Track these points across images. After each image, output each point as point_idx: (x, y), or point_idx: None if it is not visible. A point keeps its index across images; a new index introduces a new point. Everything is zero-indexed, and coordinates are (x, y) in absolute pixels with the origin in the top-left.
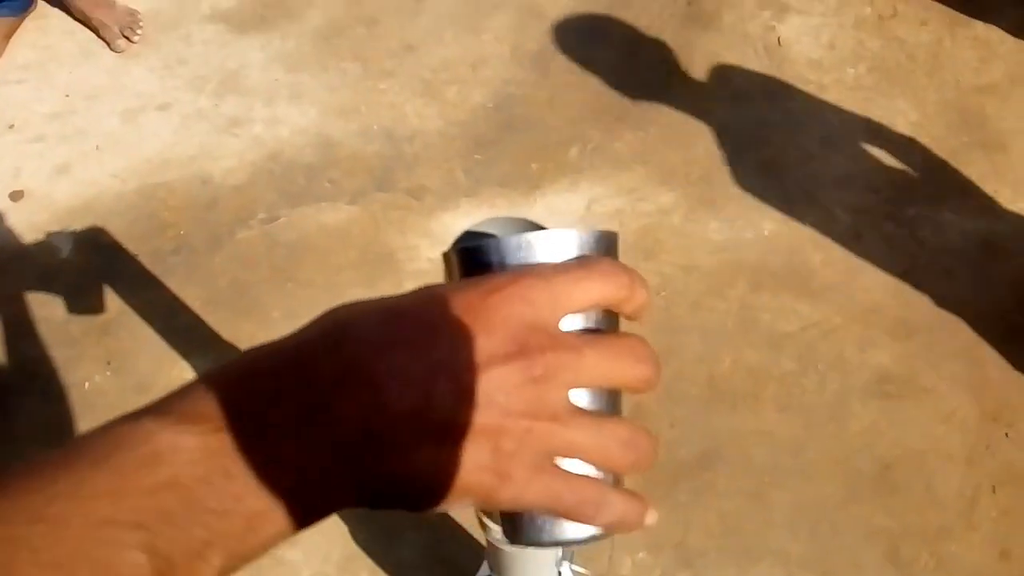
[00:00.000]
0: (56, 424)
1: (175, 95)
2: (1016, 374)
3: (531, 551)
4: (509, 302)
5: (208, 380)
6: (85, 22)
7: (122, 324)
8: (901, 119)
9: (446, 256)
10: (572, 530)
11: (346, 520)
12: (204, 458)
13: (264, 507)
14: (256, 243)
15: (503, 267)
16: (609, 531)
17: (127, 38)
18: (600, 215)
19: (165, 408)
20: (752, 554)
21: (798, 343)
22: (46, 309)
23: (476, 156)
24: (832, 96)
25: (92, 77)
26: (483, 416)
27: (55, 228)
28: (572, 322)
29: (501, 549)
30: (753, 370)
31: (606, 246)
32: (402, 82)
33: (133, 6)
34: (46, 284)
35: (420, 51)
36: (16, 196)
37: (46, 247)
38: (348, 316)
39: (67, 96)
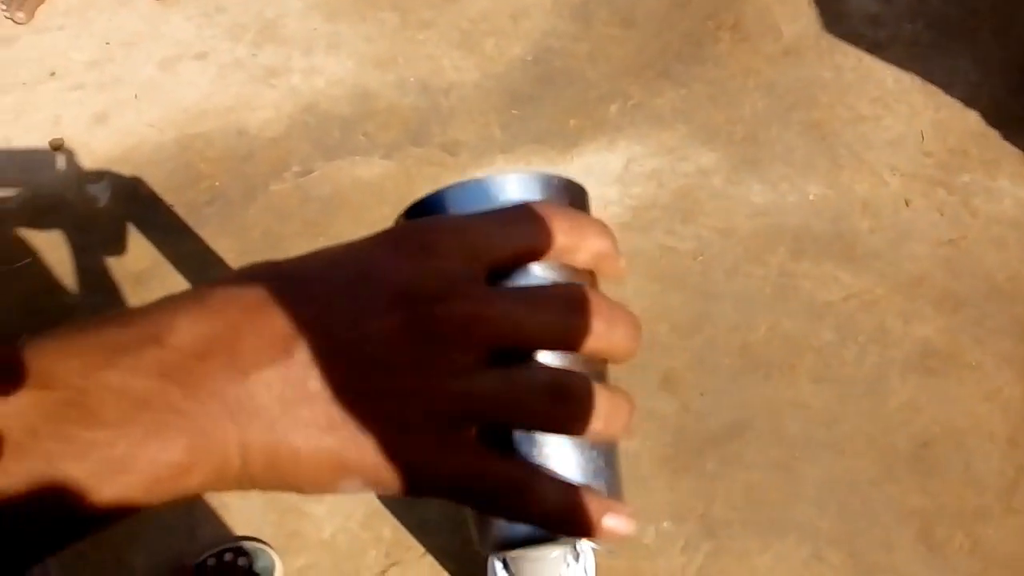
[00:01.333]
0: None
1: (213, 44)
2: None
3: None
4: (403, 253)
5: (62, 331)
6: None
7: (155, 275)
8: (960, 79)
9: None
10: (504, 528)
11: None
12: (16, 416)
13: (83, 473)
14: (290, 196)
15: None
16: (555, 530)
17: None
18: (638, 175)
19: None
20: (778, 528)
21: (838, 313)
22: (82, 257)
23: (513, 111)
24: (887, 53)
25: (130, 24)
26: (360, 380)
27: (93, 177)
28: (522, 279)
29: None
30: (789, 339)
31: (561, 194)
32: (440, 33)
33: None
34: (83, 233)
35: (460, 1)
36: (56, 144)
37: (84, 196)
38: (233, 280)
39: (107, 44)
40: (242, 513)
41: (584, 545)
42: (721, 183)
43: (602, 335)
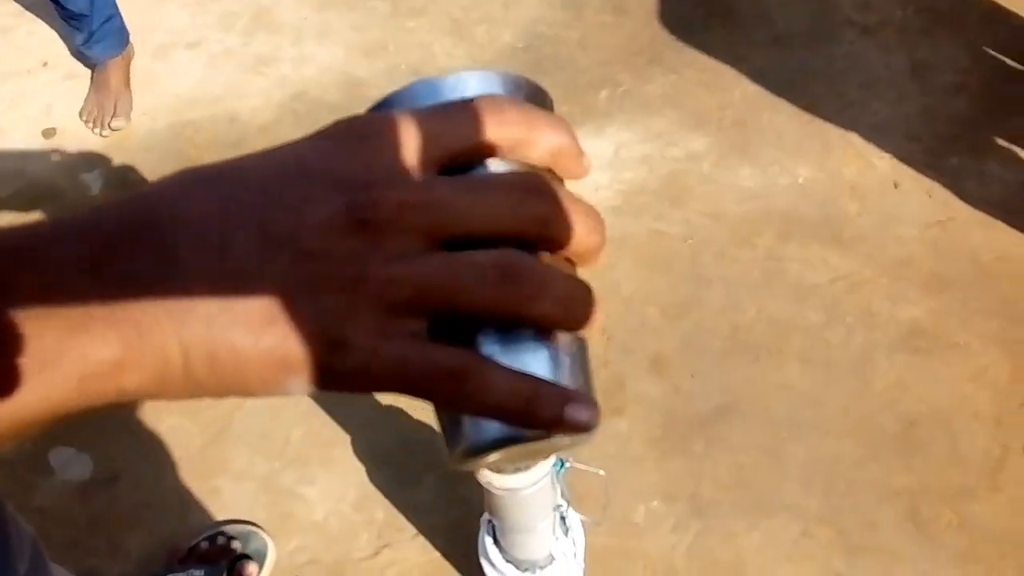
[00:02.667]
0: None
1: (205, 32)
2: None
3: (528, 495)
4: (343, 146)
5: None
6: None
7: None
8: (949, 65)
9: None
10: (469, 431)
11: (362, 461)
12: None
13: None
14: None
15: None
16: (513, 421)
17: None
18: (627, 160)
19: None
20: (765, 507)
21: (825, 295)
22: None
23: None
24: (877, 39)
25: (124, 13)
26: (297, 272)
27: (86, 166)
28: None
29: (492, 492)
30: (777, 322)
31: (521, 92)
32: (431, 20)
33: None
34: None
35: None
36: (48, 133)
37: (77, 184)
38: (168, 181)
39: None
40: (234, 496)
41: (572, 517)
42: (710, 168)
43: (561, 225)
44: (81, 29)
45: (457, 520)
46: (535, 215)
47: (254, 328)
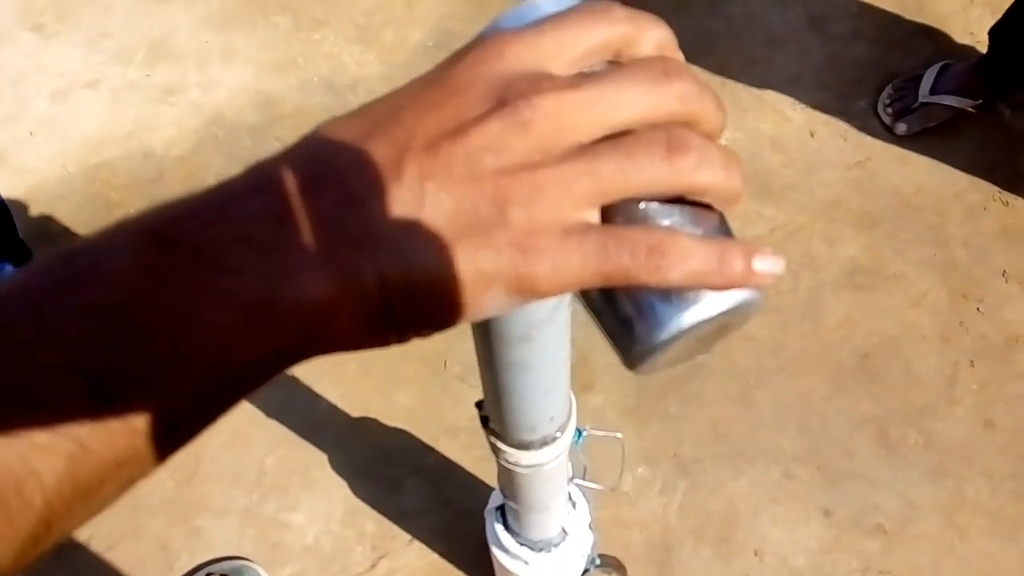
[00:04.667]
0: None
1: (102, 70)
2: (980, 250)
3: (550, 469)
4: (479, 62)
5: (162, 206)
6: None
7: None
8: (843, 12)
9: None
10: (663, 314)
11: (342, 477)
12: (142, 273)
13: (229, 320)
14: None
15: None
16: (719, 284)
17: None
18: None
19: (109, 230)
20: (746, 455)
21: (767, 245)
22: None
23: None
24: None
25: (12, 61)
26: (475, 187)
27: None
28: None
29: (514, 472)
30: None
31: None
32: (336, 30)
33: None
34: None
35: None
36: None
37: None
38: (316, 130)
39: None
40: (219, 534)
41: (575, 490)
42: None
43: (703, 100)
44: None
45: (449, 519)
46: (680, 93)
47: (443, 248)
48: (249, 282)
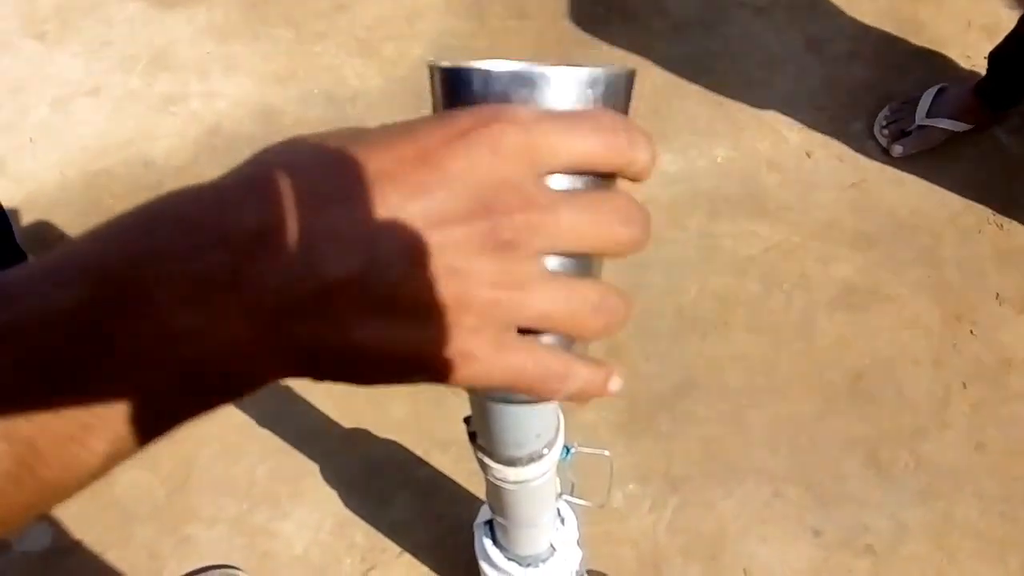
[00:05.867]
0: None
1: (104, 79)
2: (974, 272)
3: (537, 485)
4: (475, 150)
5: (97, 229)
6: None
7: None
8: (840, 34)
9: (431, 69)
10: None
11: (333, 488)
12: (73, 322)
13: (154, 380)
14: None
15: (486, 102)
16: (572, 400)
17: None
18: None
19: (41, 263)
20: (736, 474)
21: (761, 265)
22: None
23: (422, 111)
24: (769, 18)
25: (14, 69)
26: (440, 287)
27: None
28: (556, 182)
29: (502, 488)
30: (719, 296)
31: (617, 90)
32: (337, 43)
33: None
34: None
35: (352, 10)
36: None
37: None
38: (281, 161)
39: None
40: (208, 542)
41: (564, 505)
42: None
43: (635, 240)
44: None
45: (439, 533)
46: (628, 240)
47: (388, 339)
48: (175, 342)
